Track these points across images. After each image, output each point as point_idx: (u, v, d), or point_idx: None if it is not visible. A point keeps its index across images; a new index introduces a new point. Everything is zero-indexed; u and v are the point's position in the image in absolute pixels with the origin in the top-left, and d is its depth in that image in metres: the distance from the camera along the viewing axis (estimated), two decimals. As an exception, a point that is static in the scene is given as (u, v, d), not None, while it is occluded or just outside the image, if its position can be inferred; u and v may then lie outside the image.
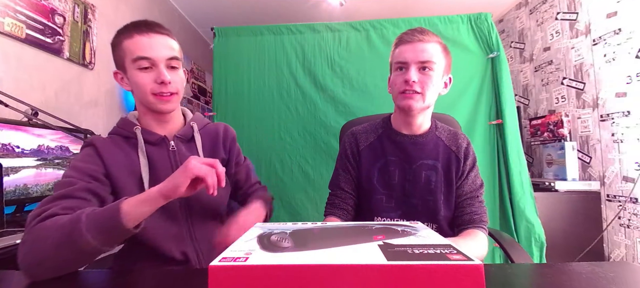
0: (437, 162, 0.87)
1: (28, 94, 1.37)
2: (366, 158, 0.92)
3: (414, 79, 0.79)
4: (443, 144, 0.89)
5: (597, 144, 1.87)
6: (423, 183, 0.86)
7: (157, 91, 0.73)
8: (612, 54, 1.77)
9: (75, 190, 0.62)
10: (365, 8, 2.65)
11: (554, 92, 2.19)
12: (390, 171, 0.88)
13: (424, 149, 0.88)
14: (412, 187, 0.87)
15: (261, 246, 0.37)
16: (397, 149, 0.89)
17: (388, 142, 0.91)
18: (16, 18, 1.34)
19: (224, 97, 1.88)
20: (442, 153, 0.88)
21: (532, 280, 0.56)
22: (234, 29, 1.94)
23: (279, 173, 1.83)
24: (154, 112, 0.77)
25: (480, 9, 1.82)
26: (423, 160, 0.87)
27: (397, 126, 0.91)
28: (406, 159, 0.88)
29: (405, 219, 0.85)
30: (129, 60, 0.72)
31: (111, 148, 0.74)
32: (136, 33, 0.72)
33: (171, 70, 0.75)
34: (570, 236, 1.77)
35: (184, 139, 0.81)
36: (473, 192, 0.87)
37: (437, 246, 0.34)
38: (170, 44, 0.75)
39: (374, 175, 0.90)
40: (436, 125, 0.92)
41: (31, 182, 1.17)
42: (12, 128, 1.12)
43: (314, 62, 1.88)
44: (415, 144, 0.88)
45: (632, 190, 1.66)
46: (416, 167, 0.87)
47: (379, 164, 0.90)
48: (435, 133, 0.90)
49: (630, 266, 0.57)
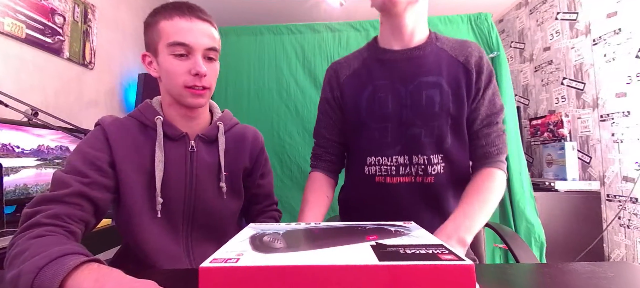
0: (440, 77, 0.70)
1: (28, 94, 1.37)
2: (350, 88, 0.76)
3: None
4: (446, 55, 0.72)
5: (597, 144, 1.87)
6: (425, 105, 0.70)
7: (190, 83, 0.66)
8: (612, 54, 1.77)
9: (67, 195, 0.58)
10: (365, 8, 2.63)
11: (554, 92, 2.19)
12: (381, 97, 0.72)
13: (422, 64, 0.71)
14: (410, 113, 0.71)
15: (253, 247, 0.36)
16: (386, 69, 0.73)
17: (375, 63, 0.75)
18: (16, 18, 1.34)
19: (224, 97, 1.88)
20: (447, 66, 0.71)
21: (532, 280, 0.56)
22: (234, 29, 1.94)
23: (279, 173, 1.84)
24: (181, 105, 0.70)
25: (480, 9, 1.82)
26: (421, 77, 0.70)
27: (385, 42, 0.75)
28: (400, 79, 0.71)
29: (406, 155, 0.72)
30: (163, 43, 0.65)
31: (123, 135, 0.67)
32: (177, 15, 0.65)
33: (208, 61, 0.68)
34: (570, 236, 1.77)
35: (206, 140, 0.74)
36: (491, 117, 0.71)
37: (429, 247, 0.34)
38: (212, 32, 0.69)
39: (361, 107, 0.74)
40: (436, 36, 0.76)
41: (31, 182, 1.17)
42: (12, 128, 1.12)
43: (314, 62, 1.88)
44: (409, 59, 0.71)
45: (632, 190, 1.66)
46: (413, 88, 0.71)
47: (366, 93, 0.74)
48: (436, 44, 0.73)
49: (630, 266, 0.57)
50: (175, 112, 0.71)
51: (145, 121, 0.70)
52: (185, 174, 0.71)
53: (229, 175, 0.75)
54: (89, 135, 0.67)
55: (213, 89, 0.71)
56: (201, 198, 0.72)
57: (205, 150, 0.73)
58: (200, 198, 0.72)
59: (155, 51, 0.67)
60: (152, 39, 0.67)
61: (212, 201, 0.73)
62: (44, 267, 0.43)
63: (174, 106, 0.71)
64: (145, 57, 0.71)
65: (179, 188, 0.70)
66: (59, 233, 0.53)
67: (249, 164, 0.80)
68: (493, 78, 0.73)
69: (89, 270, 0.44)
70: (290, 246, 0.37)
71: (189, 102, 0.68)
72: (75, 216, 0.58)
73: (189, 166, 0.71)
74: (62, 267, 0.43)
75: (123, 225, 0.68)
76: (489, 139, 0.71)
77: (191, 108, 0.70)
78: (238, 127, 0.81)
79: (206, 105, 0.75)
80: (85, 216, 0.60)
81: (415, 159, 0.72)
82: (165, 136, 0.69)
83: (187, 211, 0.71)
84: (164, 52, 0.65)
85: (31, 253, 0.46)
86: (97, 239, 1.08)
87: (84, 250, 0.49)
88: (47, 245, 0.48)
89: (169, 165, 0.69)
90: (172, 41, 0.64)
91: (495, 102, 0.73)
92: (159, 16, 0.67)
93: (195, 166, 0.71)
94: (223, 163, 0.73)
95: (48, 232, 0.52)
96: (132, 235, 0.67)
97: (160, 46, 0.66)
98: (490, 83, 0.72)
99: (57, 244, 0.48)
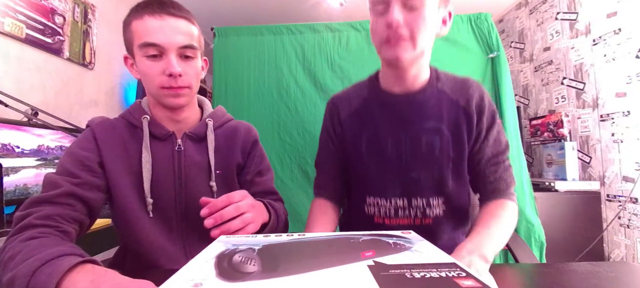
0: (441, 123, 0.69)
1: (28, 94, 1.37)
2: (350, 129, 0.76)
3: (398, 19, 0.60)
4: (447, 98, 0.71)
5: (597, 144, 1.87)
6: (424, 151, 0.70)
7: (166, 84, 0.63)
8: (612, 54, 1.77)
9: (58, 195, 0.57)
10: (365, 8, 2.63)
11: (554, 92, 2.19)
12: (381, 140, 0.72)
13: (423, 109, 0.70)
14: (410, 157, 0.70)
15: (218, 272, 0.29)
16: (387, 113, 0.72)
17: (376, 105, 0.74)
18: (16, 18, 1.34)
19: (224, 97, 1.88)
20: (447, 110, 0.70)
21: (532, 280, 0.56)
22: (234, 29, 1.94)
23: (279, 173, 1.83)
24: (164, 106, 0.68)
25: (480, 9, 1.82)
26: (422, 123, 0.70)
27: (386, 84, 0.73)
28: (400, 124, 0.71)
29: (405, 198, 0.72)
30: (136, 44, 0.62)
31: (111, 134, 0.66)
32: (147, 13, 0.61)
33: (184, 60, 0.65)
34: (570, 236, 1.77)
35: (194, 138, 0.72)
36: (497, 156, 0.70)
37: (441, 267, 0.28)
38: (187, 29, 0.64)
39: (361, 148, 0.74)
40: (437, 75, 0.73)
41: (31, 182, 1.17)
42: (12, 128, 1.12)
43: (314, 62, 1.88)
44: (411, 104, 0.70)
45: (632, 190, 1.66)
46: (414, 133, 0.70)
47: (366, 135, 0.74)
48: (437, 86, 0.71)
49: (630, 266, 0.57)
50: (160, 112, 0.70)
51: (133, 121, 0.69)
52: (173, 174, 0.69)
53: (222, 173, 0.74)
54: (80, 136, 0.67)
55: (195, 87, 0.68)
56: (193, 197, 0.69)
57: (194, 148, 0.71)
58: (191, 197, 0.70)
59: (132, 52, 0.65)
60: (128, 40, 0.65)
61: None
62: (39, 269, 0.42)
63: (158, 107, 0.69)
64: (126, 59, 0.69)
65: (168, 188, 0.69)
66: (52, 235, 0.53)
67: (242, 160, 0.77)
68: (496, 117, 0.71)
69: (84, 271, 0.43)
70: (266, 269, 0.30)
71: (168, 102, 0.66)
72: (68, 216, 0.57)
73: (177, 166, 0.69)
74: (57, 269, 0.42)
75: (120, 225, 0.68)
76: (497, 175, 0.70)
77: (172, 108, 0.68)
78: (230, 123, 0.79)
79: (191, 104, 0.73)
80: (78, 216, 0.59)
81: (415, 202, 0.72)
82: (152, 136, 0.68)
83: (179, 210, 0.70)
84: (138, 53, 0.63)
85: (24, 256, 0.45)
86: (96, 239, 1.08)
87: (78, 250, 0.48)
88: (40, 247, 0.47)
89: (157, 165, 0.67)
90: (143, 42, 0.61)
91: (501, 141, 0.72)
92: (131, 16, 0.64)
93: (183, 165, 0.70)
94: (213, 161, 0.71)
95: (40, 234, 0.51)
96: (129, 236, 0.67)
97: (134, 47, 0.63)
98: (494, 123, 0.71)
99: (51, 246, 0.47)
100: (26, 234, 0.51)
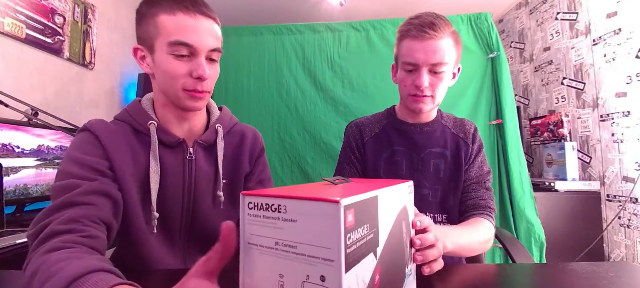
0: (445, 150, 0.84)
1: (28, 94, 1.37)
2: (371, 149, 0.88)
3: (426, 85, 0.74)
4: (450, 131, 0.87)
5: (597, 144, 1.87)
6: (432, 171, 0.84)
7: (191, 87, 0.60)
8: (612, 54, 1.77)
9: (79, 195, 0.51)
10: (365, 8, 2.64)
11: (554, 92, 2.19)
12: (397, 161, 0.85)
13: (431, 137, 0.85)
14: (421, 176, 0.84)
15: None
16: (403, 138, 0.86)
17: (393, 132, 0.88)
18: (16, 18, 1.34)
19: (224, 97, 1.88)
20: (450, 140, 0.86)
21: (532, 280, 0.56)
22: (234, 29, 1.94)
23: (279, 173, 1.84)
24: (177, 107, 0.63)
25: (480, 9, 1.82)
26: (431, 148, 0.85)
27: (402, 116, 0.89)
28: (413, 148, 0.85)
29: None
30: (163, 40, 0.58)
31: (117, 138, 0.60)
32: (180, 10, 0.58)
33: (210, 63, 0.62)
34: (570, 236, 1.77)
35: (205, 146, 0.68)
36: (479, 177, 0.84)
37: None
38: (217, 31, 0.63)
39: (380, 166, 0.87)
40: (441, 114, 0.90)
41: (31, 182, 1.17)
42: (12, 128, 1.12)
43: (314, 62, 1.88)
44: (422, 132, 0.86)
45: (632, 190, 1.66)
46: (424, 156, 0.84)
47: (385, 155, 0.87)
48: (441, 122, 0.88)
49: (630, 266, 0.57)
50: (169, 113, 0.65)
51: (137, 126, 0.63)
52: (182, 185, 0.65)
53: (229, 183, 0.71)
54: (78, 142, 0.59)
55: (212, 92, 0.66)
56: (200, 209, 0.67)
57: (204, 157, 0.68)
58: (198, 208, 0.67)
59: (152, 46, 0.60)
60: (148, 33, 0.60)
61: (211, 211, 0.68)
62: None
63: (168, 107, 0.64)
64: (137, 50, 0.63)
65: (176, 200, 0.65)
66: (77, 244, 0.47)
67: (248, 168, 0.75)
68: (482, 148, 0.88)
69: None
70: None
71: (187, 105, 0.62)
72: (94, 217, 0.51)
73: (187, 176, 0.65)
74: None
75: (119, 234, 0.62)
76: (478, 193, 0.82)
77: (188, 110, 0.64)
78: (237, 127, 0.77)
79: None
80: (104, 216, 0.53)
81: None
82: (161, 143, 0.63)
83: (185, 223, 0.67)
84: (163, 49, 0.58)
85: (43, 276, 0.40)
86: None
87: (107, 264, 0.42)
88: (65, 260, 0.41)
89: (165, 175, 0.63)
90: (174, 40, 0.57)
91: (483, 168, 0.86)
92: (157, 8, 0.59)
93: (193, 176, 0.66)
94: (221, 170, 0.68)
95: (64, 244, 0.46)
96: (128, 246, 0.63)
97: (158, 42, 0.59)
98: (480, 152, 0.87)
99: (76, 258, 0.42)
100: (48, 245, 0.45)
